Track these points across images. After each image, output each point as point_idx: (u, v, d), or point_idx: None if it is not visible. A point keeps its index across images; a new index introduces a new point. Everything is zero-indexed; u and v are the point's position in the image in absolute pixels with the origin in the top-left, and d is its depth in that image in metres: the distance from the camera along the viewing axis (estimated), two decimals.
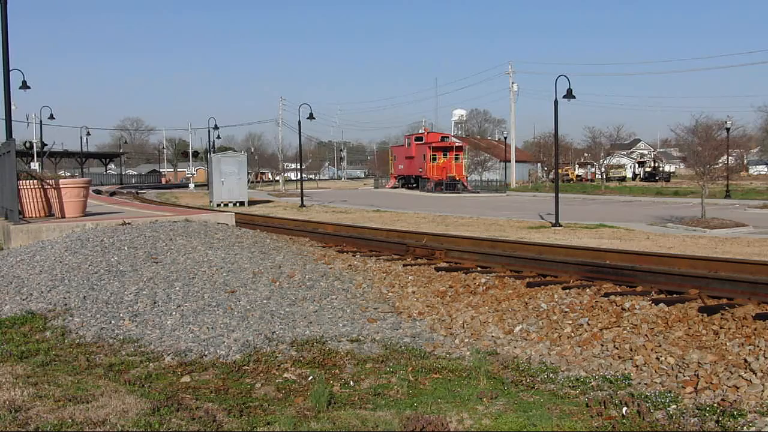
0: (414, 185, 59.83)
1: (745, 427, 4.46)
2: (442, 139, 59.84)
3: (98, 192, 41.79)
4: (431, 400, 5.28)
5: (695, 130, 27.22)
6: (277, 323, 7.44)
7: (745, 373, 5.24)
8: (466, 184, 55.49)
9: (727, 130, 38.31)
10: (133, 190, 58.97)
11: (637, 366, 5.80)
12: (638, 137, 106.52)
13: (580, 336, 6.65)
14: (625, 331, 6.47)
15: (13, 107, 13.83)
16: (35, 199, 12.99)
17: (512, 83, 66.87)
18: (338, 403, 5.18)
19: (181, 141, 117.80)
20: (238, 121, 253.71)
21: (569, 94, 22.94)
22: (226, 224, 13.07)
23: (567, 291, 7.96)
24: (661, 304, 6.93)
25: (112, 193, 46.33)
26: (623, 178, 75.02)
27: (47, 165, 63.29)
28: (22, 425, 4.37)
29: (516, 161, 68.67)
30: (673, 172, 76.38)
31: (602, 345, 6.35)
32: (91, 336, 6.89)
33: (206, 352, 6.47)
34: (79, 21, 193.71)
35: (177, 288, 8.39)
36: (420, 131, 65.99)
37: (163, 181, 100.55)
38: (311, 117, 38.71)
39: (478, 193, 51.95)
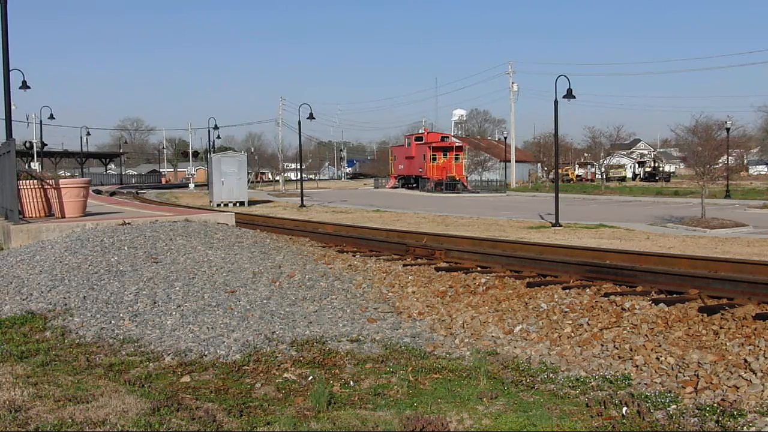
0: (414, 185, 59.83)
1: (745, 427, 4.46)
2: (442, 139, 59.85)
3: (98, 192, 41.78)
4: (431, 400, 5.28)
5: (695, 130, 27.17)
6: (277, 323, 7.44)
7: (745, 373, 5.24)
8: (466, 184, 55.51)
9: (727, 130, 38.28)
10: (133, 190, 58.95)
11: (637, 366, 5.80)
12: (638, 137, 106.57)
13: (580, 336, 6.65)
14: (625, 331, 6.47)
15: (13, 107, 13.83)
16: (35, 199, 12.99)
17: (512, 83, 66.89)
18: (338, 403, 5.18)
19: (181, 141, 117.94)
20: (238, 121, 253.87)
21: (569, 94, 22.97)
22: (226, 224, 13.08)
23: (567, 291, 7.95)
24: (661, 304, 6.93)
25: (112, 193, 46.33)
26: (623, 178, 75.01)
27: (47, 165, 63.33)
28: (22, 425, 4.37)
29: (516, 161, 68.68)
30: (673, 172, 76.37)
31: (602, 345, 6.35)
32: (91, 336, 6.89)
33: (206, 352, 6.47)
34: (79, 21, 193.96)
35: (177, 288, 8.39)
36: (420, 131, 65.99)
37: (163, 181, 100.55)
38: (311, 117, 38.75)
39: (478, 193, 51.94)
